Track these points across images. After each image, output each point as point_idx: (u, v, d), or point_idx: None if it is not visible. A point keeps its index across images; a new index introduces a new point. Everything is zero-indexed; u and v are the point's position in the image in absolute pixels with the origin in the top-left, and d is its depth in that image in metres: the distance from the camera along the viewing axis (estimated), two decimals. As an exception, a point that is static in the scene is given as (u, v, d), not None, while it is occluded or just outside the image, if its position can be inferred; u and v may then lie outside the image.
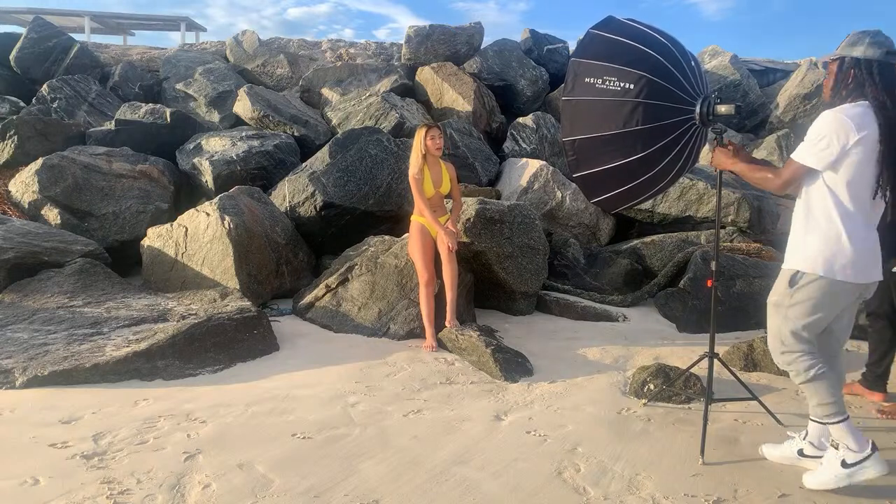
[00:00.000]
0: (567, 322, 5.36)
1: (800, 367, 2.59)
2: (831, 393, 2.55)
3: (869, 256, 2.53)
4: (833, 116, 2.47)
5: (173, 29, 19.59)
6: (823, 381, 2.56)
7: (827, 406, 2.55)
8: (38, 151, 6.71)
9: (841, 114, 2.46)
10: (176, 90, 9.49)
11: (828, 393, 2.55)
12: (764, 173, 2.68)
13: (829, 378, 2.57)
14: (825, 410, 2.56)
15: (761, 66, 11.16)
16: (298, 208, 6.17)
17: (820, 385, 2.56)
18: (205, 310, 4.45)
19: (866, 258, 2.52)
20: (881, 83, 2.47)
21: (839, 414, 2.54)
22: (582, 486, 2.65)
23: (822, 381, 2.56)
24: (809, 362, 2.58)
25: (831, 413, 2.55)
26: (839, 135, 2.44)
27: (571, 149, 3.28)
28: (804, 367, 2.58)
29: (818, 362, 2.57)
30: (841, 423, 2.54)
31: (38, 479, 2.54)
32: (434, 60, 9.47)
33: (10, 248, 4.91)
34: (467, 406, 3.50)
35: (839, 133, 2.44)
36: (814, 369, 2.56)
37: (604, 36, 3.25)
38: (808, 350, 2.60)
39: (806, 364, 2.58)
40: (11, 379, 3.51)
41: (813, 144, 2.50)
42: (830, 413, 2.55)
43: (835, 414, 2.54)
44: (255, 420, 3.21)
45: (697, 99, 3.09)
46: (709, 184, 6.87)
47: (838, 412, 2.54)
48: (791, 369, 2.63)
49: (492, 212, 5.30)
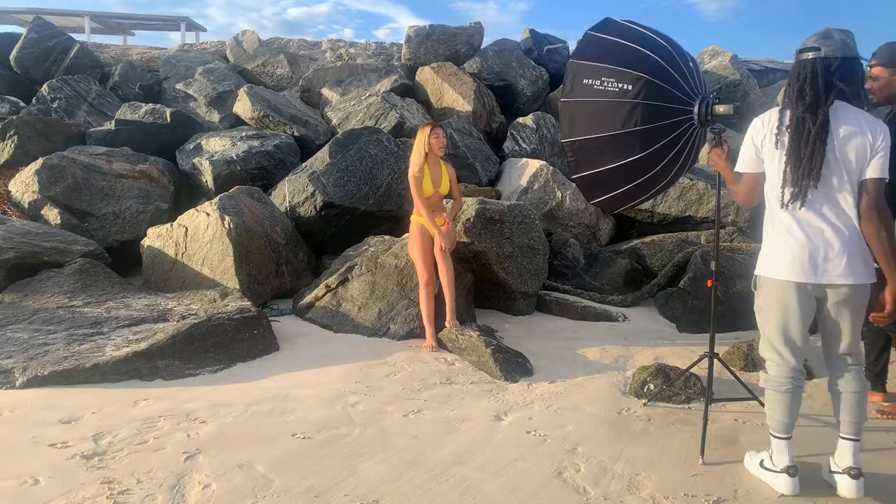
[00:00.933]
0: (567, 322, 5.36)
1: (767, 374, 2.65)
2: (785, 413, 2.59)
3: (808, 256, 2.44)
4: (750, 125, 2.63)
5: (173, 29, 19.60)
6: (782, 398, 2.59)
7: (776, 422, 2.61)
8: (38, 151, 6.72)
9: (755, 119, 2.61)
10: (176, 90, 9.50)
11: (782, 411, 2.59)
12: (733, 186, 2.77)
13: (789, 397, 2.58)
14: (773, 424, 2.63)
15: (761, 66, 11.16)
16: (298, 208, 6.17)
17: (777, 400, 2.60)
18: (205, 310, 4.45)
19: (803, 257, 2.44)
20: (789, 81, 2.52)
21: (782, 433, 2.61)
22: (582, 486, 2.65)
23: (781, 396, 2.59)
24: (775, 371, 2.61)
25: (777, 429, 2.62)
26: (752, 136, 2.58)
27: (571, 150, 3.29)
28: (771, 374, 2.63)
29: (785, 378, 2.58)
30: (781, 440, 2.62)
31: (38, 479, 2.54)
32: (434, 60, 9.47)
33: (10, 248, 4.91)
34: (467, 406, 3.50)
35: (752, 134, 2.58)
36: (775, 381, 2.60)
37: (602, 38, 3.26)
38: (777, 361, 2.60)
39: (773, 372, 2.62)
40: (11, 379, 3.51)
41: (740, 154, 2.63)
42: (777, 428, 2.62)
43: (779, 431, 2.61)
44: (255, 420, 3.21)
45: (695, 99, 3.10)
46: (709, 184, 6.88)
47: (783, 431, 2.61)
48: (764, 369, 2.69)
49: (492, 212, 5.30)
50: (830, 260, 2.43)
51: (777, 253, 2.52)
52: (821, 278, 2.44)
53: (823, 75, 2.41)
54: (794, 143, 2.44)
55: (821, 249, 2.44)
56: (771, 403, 2.63)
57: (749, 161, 2.59)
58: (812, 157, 2.39)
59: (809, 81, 2.43)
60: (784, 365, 2.58)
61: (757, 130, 2.57)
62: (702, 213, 6.89)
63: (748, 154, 2.59)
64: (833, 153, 2.41)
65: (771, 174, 2.54)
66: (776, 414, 2.61)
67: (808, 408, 3.52)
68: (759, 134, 2.56)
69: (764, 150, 2.54)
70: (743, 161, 2.61)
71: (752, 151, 2.58)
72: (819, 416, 3.42)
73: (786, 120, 2.48)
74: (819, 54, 2.43)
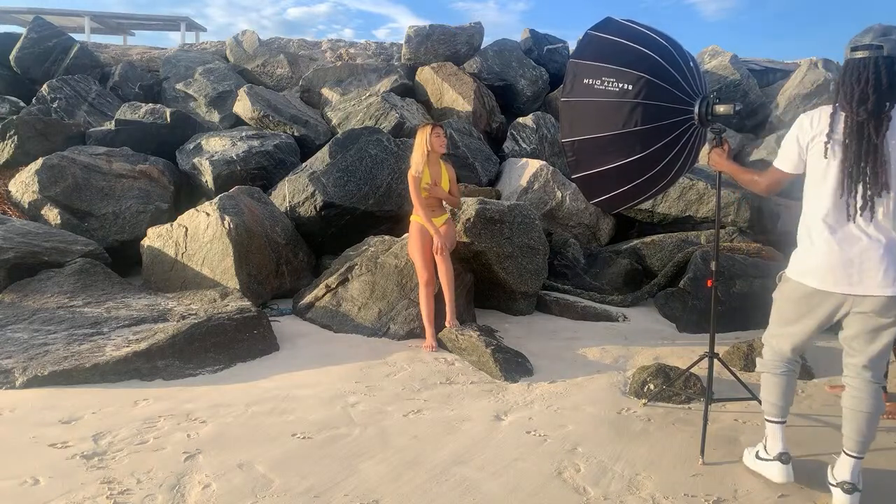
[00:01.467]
0: (567, 322, 5.36)
1: (763, 357, 2.72)
2: (780, 395, 2.65)
3: (842, 264, 2.35)
4: (796, 120, 2.52)
5: (173, 29, 19.60)
6: (776, 380, 2.65)
7: (770, 405, 2.68)
8: (38, 151, 6.72)
9: (801, 116, 2.51)
10: (176, 90, 9.50)
11: (777, 394, 2.66)
12: (751, 175, 2.74)
13: (784, 379, 2.64)
14: (767, 408, 2.69)
15: (761, 66, 11.15)
16: (298, 208, 6.17)
17: (772, 382, 2.67)
18: (205, 310, 4.45)
19: (836, 265, 2.35)
20: (843, 82, 2.36)
21: (777, 417, 2.67)
22: (582, 486, 2.65)
23: (776, 379, 2.65)
24: (770, 356, 2.68)
25: (771, 412, 2.68)
26: (798, 135, 2.47)
27: (571, 150, 3.29)
28: (767, 359, 2.69)
29: (780, 362, 2.65)
30: (774, 424, 2.68)
31: (38, 479, 2.54)
32: (434, 60, 9.47)
33: (10, 248, 4.91)
34: (467, 406, 3.50)
35: (798, 134, 2.47)
36: (771, 365, 2.67)
37: (602, 37, 3.25)
38: (775, 348, 2.65)
39: (768, 357, 2.69)
40: (11, 379, 3.51)
41: (782, 148, 2.55)
42: (771, 412, 2.68)
43: (774, 415, 2.68)
44: (255, 420, 3.21)
45: (696, 99, 3.09)
46: (709, 184, 6.87)
47: (777, 415, 2.67)
48: (761, 354, 2.74)
49: (492, 212, 5.30)
50: (866, 271, 2.32)
51: (809, 257, 2.44)
52: (855, 289, 2.33)
53: (888, 76, 2.26)
54: (855, 153, 2.30)
55: (856, 260, 2.33)
56: (766, 386, 2.70)
57: (792, 161, 2.49)
58: (876, 169, 2.28)
59: (873, 84, 2.26)
60: (780, 353, 2.64)
61: (804, 131, 2.44)
62: (702, 213, 6.89)
63: (793, 153, 2.48)
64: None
65: (817, 178, 2.41)
66: (770, 397, 2.67)
67: (807, 408, 3.53)
68: (807, 135, 2.43)
69: (810, 152, 2.43)
70: (786, 159, 2.51)
71: (796, 152, 2.47)
72: (819, 415, 3.42)
73: (839, 124, 2.35)
74: (881, 53, 2.29)
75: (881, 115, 2.29)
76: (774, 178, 2.59)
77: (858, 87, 2.29)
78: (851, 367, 2.50)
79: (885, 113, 2.29)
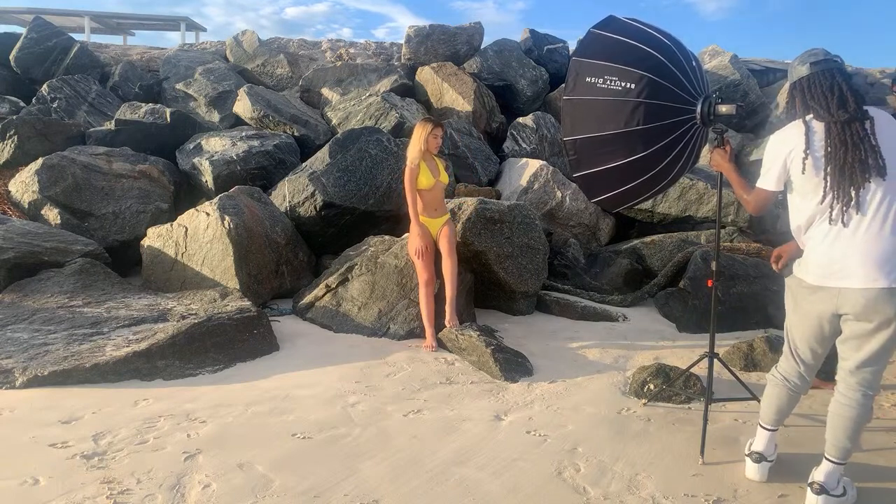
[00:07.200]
0: (567, 322, 5.36)
1: (778, 364, 2.74)
2: (775, 405, 2.70)
3: (831, 262, 2.39)
4: (770, 141, 2.61)
5: (173, 29, 19.61)
6: (777, 392, 2.69)
7: (765, 412, 2.74)
8: (38, 151, 6.71)
9: (772, 136, 2.60)
10: (176, 90, 9.49)
11: (773, 402, 2.71)
12: (742, 193, 2.73)
13: (784, 391, 2.67)
14: (763, 413, 2.75)
15: (761, 66, 11.14)
16: (298, 208, 6.16)
17: (773, 393, 2.71)
18: (205, 310, 4.45)
19: (826, 262, 2.40)
20: (813, 95, 2.46)
21: (768, 423, 2.74)
22: (582, 486, 2.65)
23: (777, 391, 2.69)
24: (785, 367, 2.69)
25: (764, 417, 2.75)
26: (777, 151, 2.53)
27: (572, 148, 3.28)
28: (780, 368, 2.72)
29: (784, 373, 2.68)
30: (766, 430, 2.75)
31: (38, 479, 2.54)
32: (434, 60, 9.47)
33: (10, 248, 4.91)
34: (467, 406, 3.50)
35: (777, 149, 2.53)
36: (780, 377, 2.69)
37: (605, 35, 3.25)
38: (788, 351, 2.67)
39: (782, 367, 2.71)
40: (11, 379, 3.51)
41: (763, 168, 2.60)
42: (763, 417, 2.75)
43: (765, 420, 2.75)
44: (255, 420, 3.21)
45: (698, 99, 3.09)
46: (709, 184, 6.87)
47: (768, 422, 2.74)
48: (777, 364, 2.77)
49: (492, 212, 5.30)
50: (851, 266, 2.35)
51: (806, 255, 2.50)
52: (843, 282, 2.36)
53: (848, 83, 2.42)
54: (843, 155, 2.35)
55: (848, 253, 2.37)
56: (767, 393, 2.74)
57: (778, 180, 2.53)
58: (866, 164, 2.32)
59: (847, 87, 2.40)
60: (792, 367, 2.65)
61: (783, 144, 2.50)
62: (702, 213, 6.89)
63: (778, 173, 2.52)
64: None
65: (803, 188, 2.45)
66: (770, 406, 2.72)
67: (807, 408, 3.53)
68: (786, 148, 2.49)
69: (791, 165, 2.47)
70: (771, 179, 2.54)
71: (778, 167, 2.51)
72: (819, 415, 3.42)
73: (817, 135, 2.41)
74: (840, 65, 2.45)
75: (864, 113, 2.38)
76: (761, 198, 2.61)
77: (833, 95, 2.41)
78: (840, 372, 2.53)
79: (867, 112, 2.39)
